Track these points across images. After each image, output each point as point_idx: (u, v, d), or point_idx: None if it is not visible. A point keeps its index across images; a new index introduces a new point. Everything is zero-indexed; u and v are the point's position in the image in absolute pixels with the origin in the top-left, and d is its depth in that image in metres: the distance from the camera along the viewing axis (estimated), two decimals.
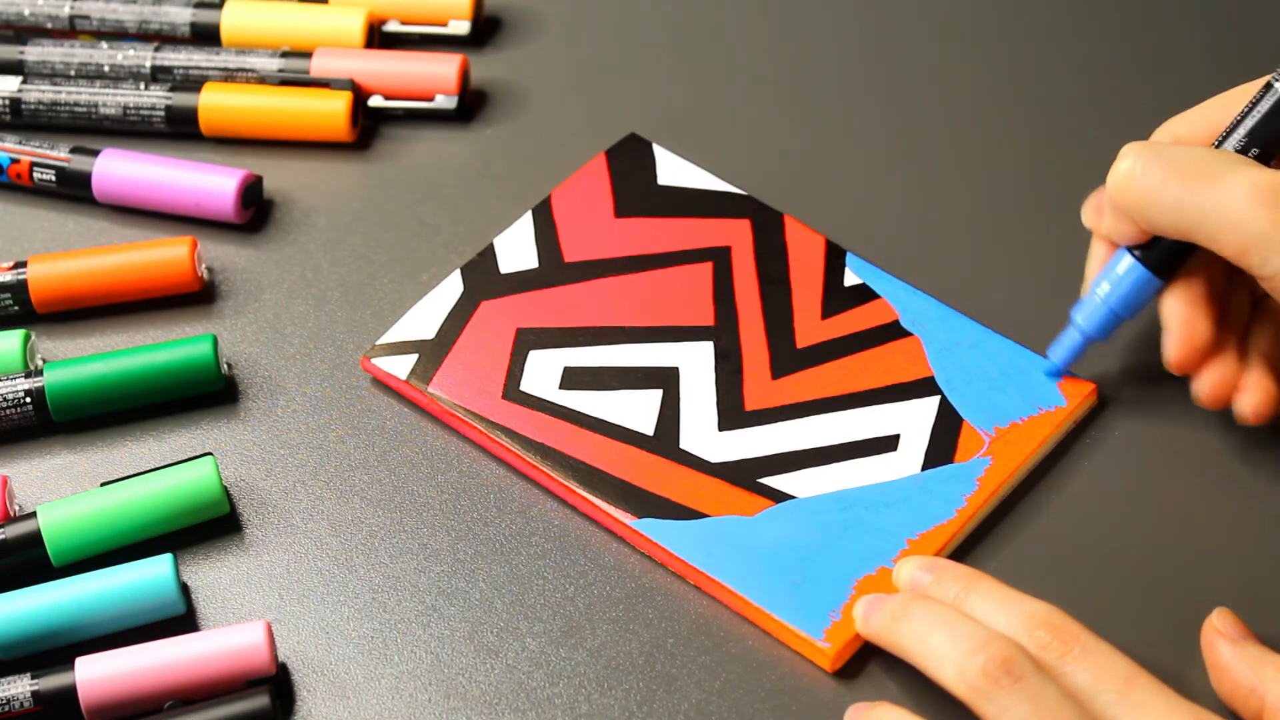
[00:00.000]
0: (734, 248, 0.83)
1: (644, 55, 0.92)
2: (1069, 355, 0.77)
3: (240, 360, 0.82)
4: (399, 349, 0.80)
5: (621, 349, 0.80)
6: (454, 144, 0.89)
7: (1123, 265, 0.75)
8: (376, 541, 0.76)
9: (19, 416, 0.79)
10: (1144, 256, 0.74)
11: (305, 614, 0.74)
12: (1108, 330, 0.76)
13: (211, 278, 0.85)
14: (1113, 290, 0.75)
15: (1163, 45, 0.91)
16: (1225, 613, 0.70)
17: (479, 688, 0.72)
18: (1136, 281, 0.75)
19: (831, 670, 0.72)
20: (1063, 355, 0.77)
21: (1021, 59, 0.91)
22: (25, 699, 0.71)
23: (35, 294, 0.82)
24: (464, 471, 0.78)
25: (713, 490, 0.76)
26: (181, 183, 0.86)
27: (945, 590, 0.71)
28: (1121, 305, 0.75)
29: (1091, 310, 0.76)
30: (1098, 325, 0.76)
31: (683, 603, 0.74)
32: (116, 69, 0.90)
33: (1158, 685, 0.66)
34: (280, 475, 0.78)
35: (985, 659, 0.66)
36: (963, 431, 0.77)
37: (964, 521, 0.75)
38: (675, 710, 0.71)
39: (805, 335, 0.80)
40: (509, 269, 0.83)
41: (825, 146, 0.88)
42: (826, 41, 0.92)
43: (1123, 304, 0.75)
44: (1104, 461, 0.77)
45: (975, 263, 0.84)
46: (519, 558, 0.76)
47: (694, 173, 0.86)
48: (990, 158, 0.88)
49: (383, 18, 0.92)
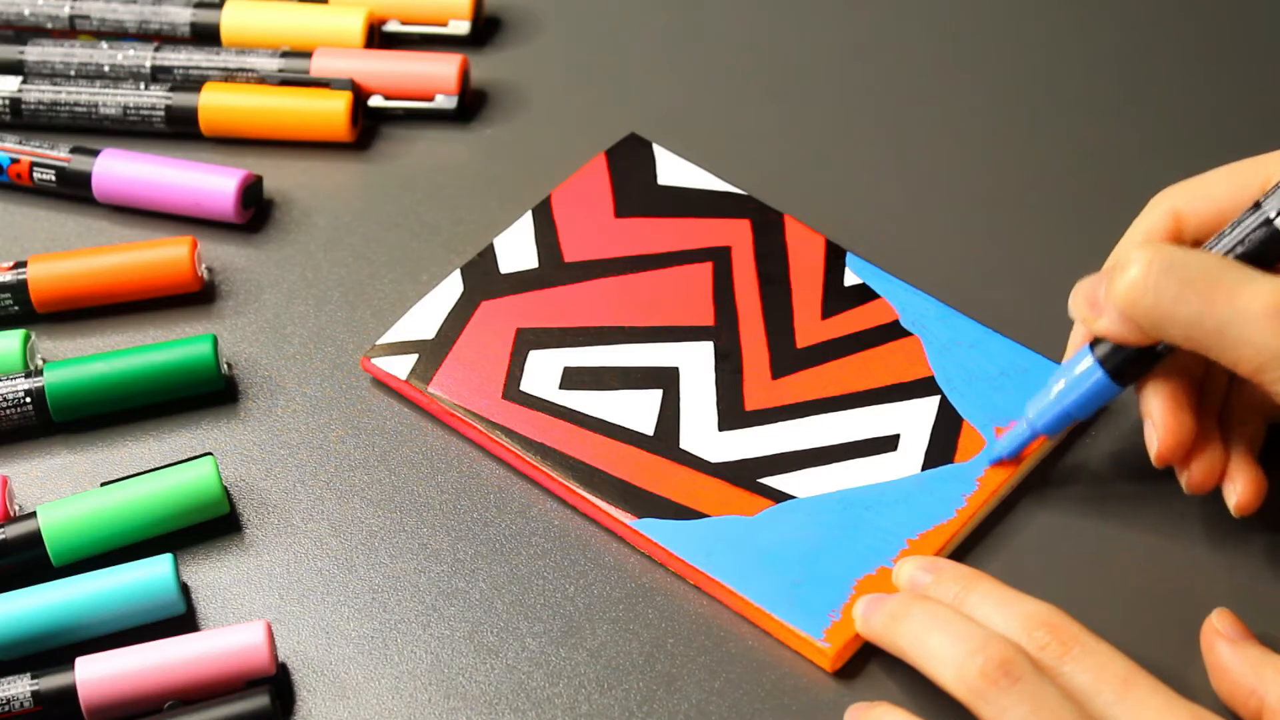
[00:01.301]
0: (734, 248, 0.83)
1: (644, 55, 0.92)
2: (1015, 447, 0.76)
3: (240, 360, 0.82)
4: (399, 349, 0.80)
5: (621, 349, 0.80)
6: (454, 144, 0.89)
7: (1081, 366, 0.73)
8: (376, 541, 0.76)
9: (19, 416, 0.79)
10: (1105, 360, 0.73)
11: (305, 614, 0.74)
12: (1058, 428, 0.75)
13: (211, 278, 0.85)
14: (1068, 390, 0.74)
15: (1162, 44, 0.91)
16: (1225, 613, 0.70)
17: (479, 688, 0.72)
18: (1095, 386, 0.73)
19: (831, 670, 0.72)
20: (1007, 447, 0.76)
21: (1021, 58, 0.91)
22: (25, 699, 0.71)
23: (35, 294, 0.82)
24: (464, 471, 0.78)
25: (713, 490, 0.76)
26: (181, 183, 0.86)
27: (945, 590, 0.71)
28: (1076, 408, 0.74)
29: (1045, 408, 0.74)
30: (1049, 424, 0.74)
31: (683, 603, 0.74)
32: (116, 69, 0.90)
33: (1157, 685, 0.66)
34: (280, 475, 0.78)
35: (984, 660, 0.66)
36: (963, 431, 0.77)
37: (964, 521, 0.75)
38: (675, 710, 0.72)
39: (805, 335, 0.81)
40: (509, 269, 0.83)
41: (825, 146, 0.88)
42: (826, 41, 0.92)
43: (1078, 407, 0.74)
44: (1104, 461, 0.77)
45: (975, 262, 0.84)
46: (519, 558, 0.76)
47: (694, 173, 0.86)
48: (990, 157, 0.88)
49: (383, 18, 0.92)
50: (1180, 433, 0.72)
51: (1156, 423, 0.73)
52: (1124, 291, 0.69)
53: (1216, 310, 0.68)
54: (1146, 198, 0.75)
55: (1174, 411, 0.72)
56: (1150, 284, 0.69)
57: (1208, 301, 0.68)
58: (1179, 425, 0.72)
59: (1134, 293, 0.69)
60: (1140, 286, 0.69)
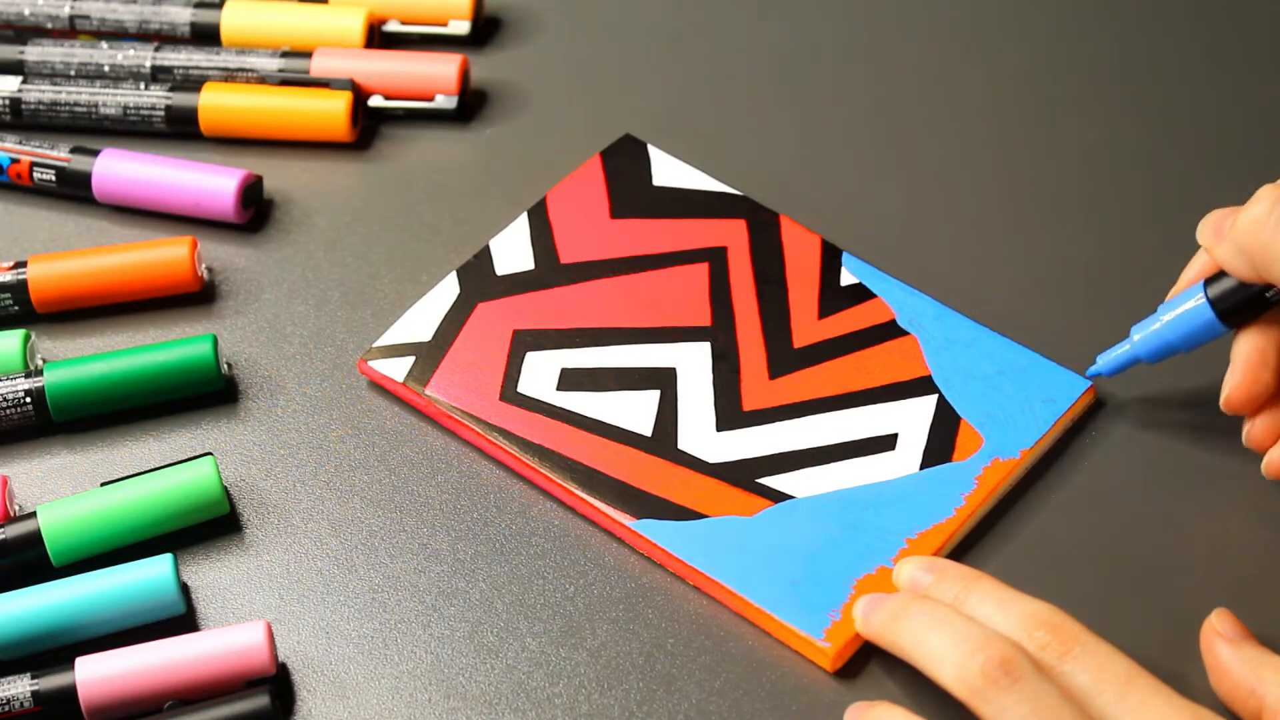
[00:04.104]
0: (730, 248, 0.83)
1: (645, 55, 0.92)
2: (1116, 367, 0.77)
3: (240, 360, 0.82)
4: (395, 351, 0.81)
5: (618, 350, 0.80)
6: (454, 144, 0.89)
7: (1193, 302, 0.74)
8: (376, 541, 0.76)
9: (19, 416, 0.79)
10: (1216, 301, 0.74)
11: (305, 614, 0.75)
12: (1159, 357, 0.76)
13: (211, 278, 0.85)
14: (1175, 323, 0.75)
15: (1162, 44, 0.91)
16: (1224, 613, 0.70)
17: (479, 688, 0.72)
18: (1202, 324, 0.74)
19: (831, 670, 0.72)
20: (1110, 365, 0.77)
21: (1017, 57, 0.91)
22: (25, 699, 0.71)
23: (35, 294, 0.82)
24: (464, 471, 0.78)
25: (711, 490, 0.76)
26: (181, 183, 0.86)
27: (945, 590, 0.71)
28: (1180, 340, 0.75)
29: (1150, 335, 0.76)
30: (1150, 350, 0.76)
31: (683, 603, 0.74)
32: (116, 69, 0.90)
33: (1157, 685, 0.66)
34: (280, 475, 0.78)
35: (984, 659, 0.66)
36: (961, 430, 0.77)
37: (963, 520, 0.75)
38: (675, 710, 0.72)
39: (802, 335, 0.81)
40: (505, 270, 0.83)
41: (821, 146, 0.88)
42: (821, 42, 0.93)
43: (1181, 340, 0.75)
44: (1103, 460, 0.77)
45: (972, 261, 0.84)
46: (519, 558, 0.76)
47: (689, 173, 0.86)
48: (986, 156, 0.88)
49: (383, 18, 0.92)
50: (1254, 387, 0.74)
51: (1236, 369, 0.74)
52: (1245, 225, 0.71)
53: None
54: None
55: (1257, 364, 0.74)
56: (1271, 224, 0.70)
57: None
58: (1254, 379, 0.74)
59: (1253, 228, 0.70)
60: (1260, 223, 0.70)
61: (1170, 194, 0.85)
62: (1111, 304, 0.81)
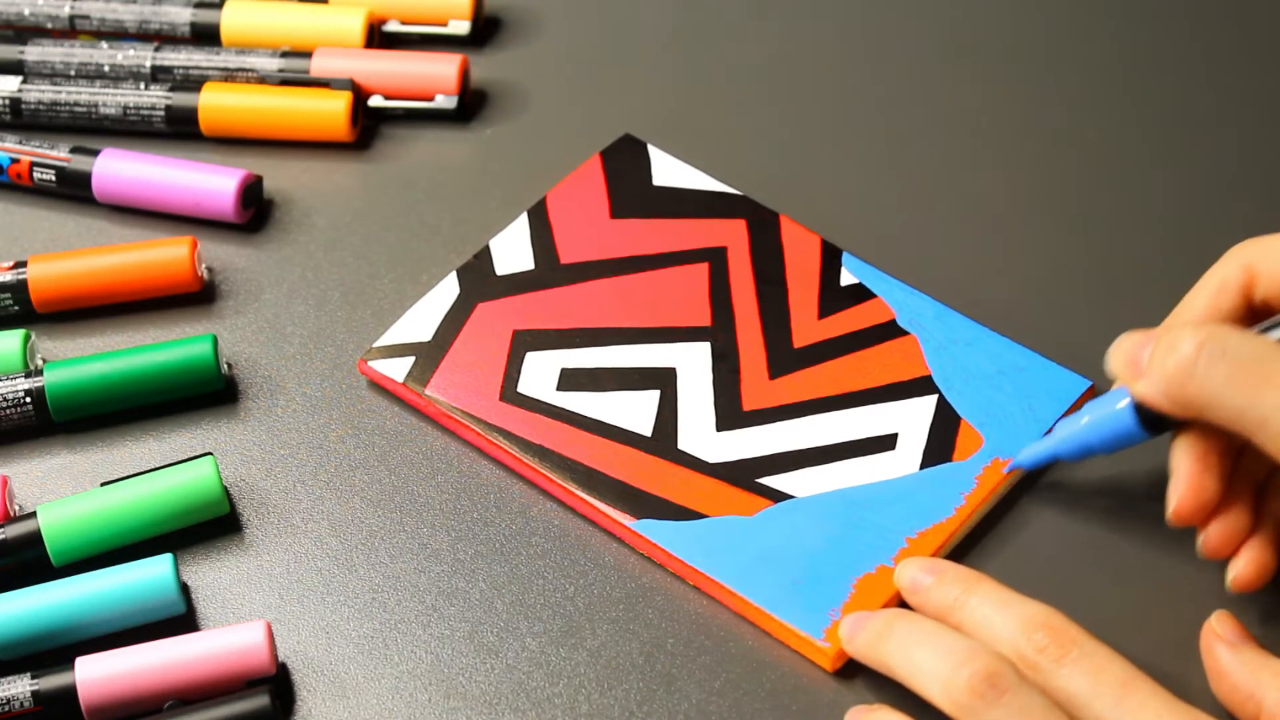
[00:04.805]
0: (730, 248, 0.83)
1: (645, 55, 0.92)
2: (1035, 462, 0.75)
3: (240, 360, 0.82)
4: (395, 351, 0.81)
5: (618, 350, 0.81)
6: (454, 144, 0.89)
7: (1118, 404, 0.71)
8: (376, 541, 0.76)
9: (19, 416, 0.79)
10: (1141, 408, 0.70)
11: (305, 614, 0.75)
12: (1079, 458, 0.74)
13: (211, 278, 0.85)
14: (1097, 427, 0.72)
15: (1162, 44, 0.91)
16: (1224, 616, 0.70)
17: (479, 688, 0.73)
18: (1124, 430, 0.72)
19: (831, 670, 0.72)
20: (1029, 459, 0.75)
21: (1018, 57, 0.91)
22: (25, 699, 0.71)
23: (35, 294, 0.82)
24: (464, 471, 0.78)
25: (711, 490, 0.76)
26: (181, 183, 0.86)
27: (946, 592, 0.71)
28: (1101, 444, 0.72)
29: (1071, 434, 0.73)
30: (1071, 450, 0.73)
31: (683, 603, 0.74)
32: (116, 69, 0.90)
33: (1156, 689, 0.66)
34: (280, 475, 0.79)
35: (970, 673, 0.66)
36: (961, 430, 0.77)
37: (963, 519, 0.75)
38: (675, 710, 0.72)
39: (802, 335, 0.81)
40: (504, 271, 0.83)
41: (820, 146, 0.89)
42: (820, 42, 0.93)
43: (1102, 444, 0.72)
44: (1103, 461, 0.77)
45: (971, 261, 0.84)
46: (519, 558, 0.76)
47: (689, 173, 0.86)
48: (986, 156, 0.88)
49: (383, 18, 0.93)
50: (1200, 496, 0.70)
51: (1179, 480, 0.70)
52: (1171, 369, 0.67)
53: (1263, 401, 0.65)
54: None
55: (1199, 473, 0.70)
56: (1199, 369, 0.66)
57: (1254, 393, 0.65)
58: (1200, 488, 0.70)
59: (1180, 374, 0.67)
60: (1187, 369, 0.67)
61: (1170, 194, 0.85)
62: (1111, 304, 0.81)
